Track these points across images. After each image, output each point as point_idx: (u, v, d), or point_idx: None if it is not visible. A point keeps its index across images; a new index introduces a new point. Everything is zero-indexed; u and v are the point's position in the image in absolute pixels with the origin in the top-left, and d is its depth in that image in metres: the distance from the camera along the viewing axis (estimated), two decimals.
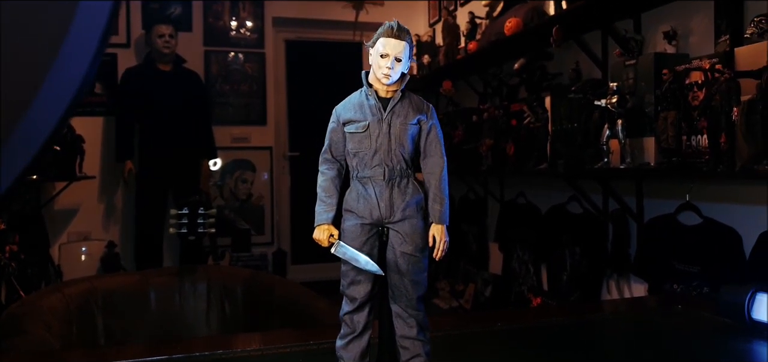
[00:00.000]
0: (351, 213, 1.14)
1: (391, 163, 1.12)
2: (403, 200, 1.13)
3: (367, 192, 1.13)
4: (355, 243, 1.12)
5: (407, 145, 1.13)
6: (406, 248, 1.12)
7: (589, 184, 2.98)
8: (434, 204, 1.14)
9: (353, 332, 1.15)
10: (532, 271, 3.59)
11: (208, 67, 5.18)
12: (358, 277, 1.13)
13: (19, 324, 1.72)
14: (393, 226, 1.13)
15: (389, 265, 1.14)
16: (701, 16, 2.39)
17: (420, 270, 1.14)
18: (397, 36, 1.12)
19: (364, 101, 1.15)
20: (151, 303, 2.11)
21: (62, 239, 4.78)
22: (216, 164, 4.94)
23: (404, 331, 1.15)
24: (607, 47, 2.89)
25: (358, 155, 1.13)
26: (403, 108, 1.14)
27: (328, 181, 1.15)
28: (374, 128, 1.13)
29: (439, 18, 4.87)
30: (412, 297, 1.14)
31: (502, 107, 3.40)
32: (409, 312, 1.14)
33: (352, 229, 1.13)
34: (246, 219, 5.22)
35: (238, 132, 5.23)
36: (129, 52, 4.97)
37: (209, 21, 5.19)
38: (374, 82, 1.15)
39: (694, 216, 2.42)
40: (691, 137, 2.10)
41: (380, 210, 1.12)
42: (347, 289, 1.15)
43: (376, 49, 1.13)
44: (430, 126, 1.16)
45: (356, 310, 1.14)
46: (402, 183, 1.13)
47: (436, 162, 1.16)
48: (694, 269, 2.41)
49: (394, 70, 1.11)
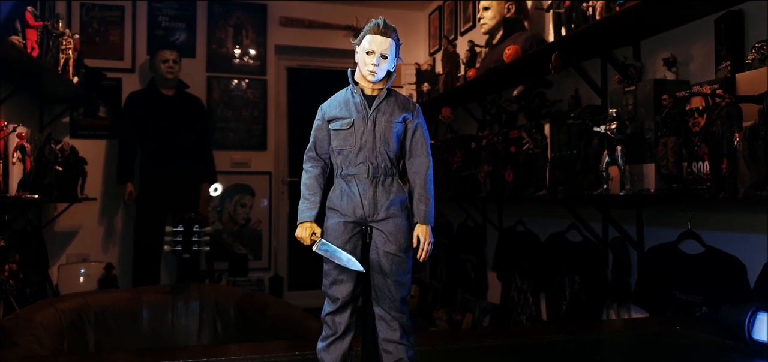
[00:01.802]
0: (334, 211, 1.12)
1: (375, 161, 1.11)
2: (387, 198, 1.11)
3: (351, 190, 1.11)
4: (338, 241, 1.10)
5: (392, 143, 1.12)
6: (389, 247, 1.10)
7: (589, 212, 2.96)
8: (419, 204, 1.12)
9: (335, 334, 1.12)
10: (531, 300, 3.55)
11: (210, 93, 5.21)
12: (340, 276, 1.11)
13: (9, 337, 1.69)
14: (376, 225, 1.11)
15: (372, 265, 1.12)
16: (702, 43, 2.40)
17: (404, 271, 1.11)
18: (384, 33, 1.11)
19: (350, 98, 1.14)
20: (143, 320, 2.08)
21: (61, 260, 4.77)
22: (217, 190, 4.94)
23: (387, 334, 1.12)
24: (607, 74, 2.90)
25: (343, 152, 1.12)
26: (388, 106, 1.13)
27: (311, 178, 1.14)
28: (359, 125, 1.12)
29: (439, 47, 4.91)
30: (396, 299, 1.11)
31: (501, 134, 3.40)
32: (392, 314, 1.12)
33: (334, 227, 1.12)
34: (244, 243, 5.20)
35: (238, 157, 5.23)
36: (133, 77, 5.02)
37: (212, 47, 5.24)
38: (360, 80, 1.14)
39: (697, 245, 2.39)
40: (692, 163, 2.08)
41: (363, 208, 1.11)
42: (329, 289, 1.13)
43: (362, 46, 1.12)
44: (415, 125, 1.15)
45: (338, 311, 1.12)
46: (386, 182, 1.12)
47: (422, 161, 1.14)
48: (696, 299, 2.37)
49: (379, 67, 1.11)
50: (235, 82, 5.30)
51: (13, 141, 3.14)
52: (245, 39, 5.32)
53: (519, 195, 3.14)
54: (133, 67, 5.03)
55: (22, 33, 3.06)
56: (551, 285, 3.30)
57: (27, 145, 3.27)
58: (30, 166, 3.35)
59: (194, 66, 5.13)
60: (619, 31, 2.59)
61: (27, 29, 3.15)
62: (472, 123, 4.30)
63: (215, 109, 5.21)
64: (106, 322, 2.03)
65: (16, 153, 3.16)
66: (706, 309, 2.28)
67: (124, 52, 5.01)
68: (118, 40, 5.00)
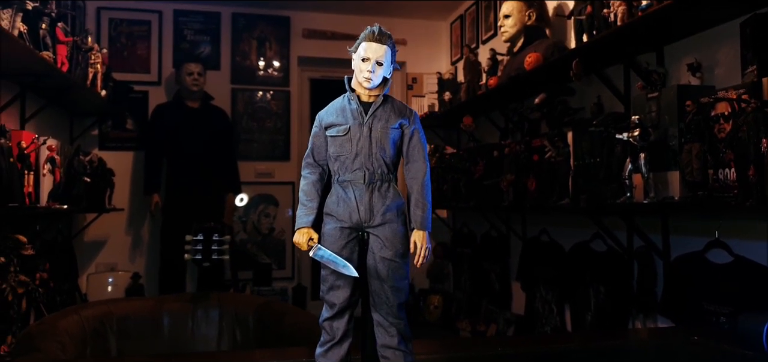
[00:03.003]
0: (331, 216, 1.13)
1: (371, 167, 1.11)
2: (383, 204, 1.11)
3: (347, 195, 1.12)
4: (335, 247, 1.11)
5: (388, 149, 1.13)
6: (385, 253, 1.10)
7: (613, 221, 2.91)
8: (416, 210, 1.12)
9: (333, 339, 1.13)
10: (555, 311, 3.50)
11: (234, 104, 5.28)
12: (337, 282, 1.11)
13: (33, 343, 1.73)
14: (373, 231, 1.11)
15: (369, 271, 1.12)
16: (727, 48, 2.35)
17: (401, 276, 1.11)
18: (378, 40, 1.12)
19: (346, 105, 1.15)
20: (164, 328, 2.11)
21: (90, 269, 4.87)
22: (243, 200, 4.98)
23: (385, 340, 1.12)
24: (630, 81, 2.86)
25: (340, 159, 1.13)
26: (384, 112, 1.14)
27: (309, 184, 1.15)
28: (355, 132, 1.12)
29: (461, 56, 4.90)
30: (393, 305, 1.11)
31: (523, 142, 3.37)
32: (389, 320, 1.11)
33: (331, 233, 1.12)
34: (268, 253, 5.24)
35: (262, 167, 5.28)
36: (159, 90, 5.11)
37: (237, 60, 5.31)
38: (356, 87, 1.15)
39: (725, 254, 2.33)
40: (718, 170, 2.04)
41: (359, 213, 1.11)
42: (327, 295, 1.13)
43: (358, 54, 1.13)
44: (412, 131, 1.15)
45: (335, 316, 1.12)
46: (383, 188, 1.12)
47: (419, 167, 1.15)
48: (725, 310, 2.31)
49: (375, 73, 1.11)
50: (259, 94, 5.36)
51: (43, 153, 3.23)
52: (269, 51, 5.38)
53: (542, 205, 3.11)
54: (160, 80, 5.12)
55: (52, 48, 3.14)
56: (576, 296, 3.25)
57: (57, 156, 3.36)
58: (59, 177, 3.43)
59: (219, 78, 5.20)
60: (642, 36, 2.55)
61: (57, 45, 3.24)
62: (494, 132, 4.27)
63: (239, 120, 5.28)
64: (128, 329, 2.06)
65: (47, 164, 3.25)
66: (723, 318, 2.23)
67: (151, 66, 5.11)
68: (145, 53, 5.10)
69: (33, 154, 3.05)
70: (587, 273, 3.14)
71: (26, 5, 2.74)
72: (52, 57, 3.12)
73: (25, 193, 2.91)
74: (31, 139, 3.02)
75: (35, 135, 3.10)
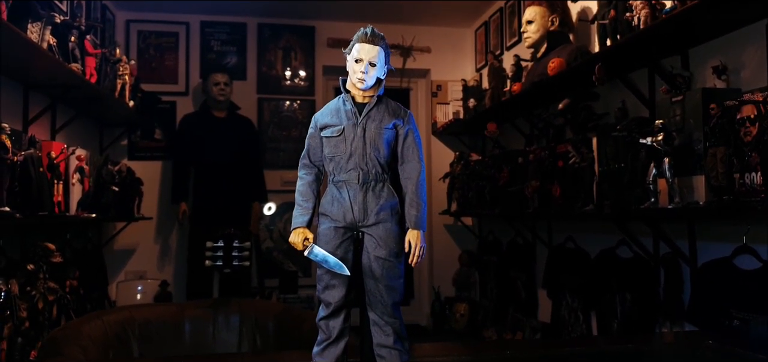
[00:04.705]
0: (325, 216, 1.14)
1: (365, 167, 1.12)
2: (377, 204, 1.12)
3: (342, 195, 1.13)
4: (329, 246, 1.12)
5: (383, 149, 1.13)
6: (380, 252, 1.11)
7: (639, 227, 2.86)
8: (411, 209, 1.13)
9: (329, 338, 1.13)
10: (581, 319, 3.45)
11: (260, 114, 5.33)
12: (332, 281, 1.12)
13: (57, 347, 1.77)
14: (367, 230, 1.12)
15: (364, 270, 1.12)
16: (753, 49, 2.29)
17: (395, 275, 1.11)
18: (371, 41, 1.13)
19: (341, 106, 1.16)
20: (185, 333, 2.14)
21: (120, 277, 4.95)
22: (271, 209, 5.02)
23: (381, 339, 1.12)
24: (654, 85, 2.81)
25: (334, 159, 1.14)
26: (378, 112, 1.15)
27: (305, 185, 1.16)
28: (349, 132, 1.13)
29: (485, 63, 4.88)
30: (387, 304, 1.11)
31: (548, 148, 3.34)
32: (385, 319, 1.12)
33: (326, 232, 1.13)
34: (294, 261, 5.27)
35: (288, 176, 5.32)
36: (187, 100, 5.19)
37: (263, 70, 5.37)
38: (351, 88, 1.16)
39: (753, 260, 2.27)
40: (745, 174, 1.99)
41: (354, 213, 1.12)
42: (322, 294, 1.14)
43: (351, 55, 1.14)
44: (406, 131, 1.15)
45: (331, 315, 1.13)
46: (377, 187, 1.13)
47: (414, 167, 1.15)
48: (753, 317, 2.25)
49: (368, 74, 1.12)
50: (286, 103, 5.41)
51: (73, 163, 3.31)
52: (294, 61, 5.43)
53: (567, 211, 3.07)
54: (187, 90, 5.21)
55: (81, 60, 3.22)
56: (602, 303, 3.20)
57: (86, 166, 3.44)
58: (88, 186, 3.52)
59: (245, 88, 5.27)
60: (666, 39, 2.51)
61: (86, 57, 3.32)
62: (519, 138, 4.24)
63: (266, 129, 5.33)
64: (150, 334, 2.10)
65: (76, 174, 3.33)
66: (737, 322, 2.17)
67: (179, 76, 5.20)
68: (172, 64, 5.20)
69: (62, 164, 3.12)
70: (613, 281, 3.09)
71: (55, 19, 2.81)
72: (81, 69, 3.20)
73: (55, 202, 2.99)
74: (61, 149, 3.10)
75: (64, 145, 3.18)
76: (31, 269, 2.55)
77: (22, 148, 2.67)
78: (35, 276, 2.56)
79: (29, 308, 2.42)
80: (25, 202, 2.58)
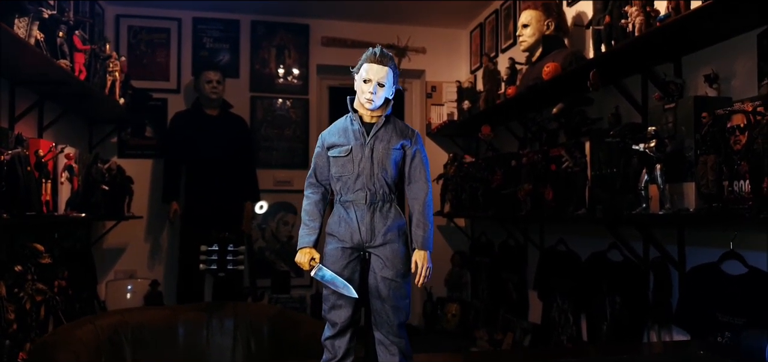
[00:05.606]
0: (332, 236, 1.14)
1: (373, 187, 1.12)
2: (384, 224, 1.12)
3: (349, 215, 1.12)
4: (336, 266, 1.11)
5: (390, 169, 1.13)
6: (386, 273, 1.11)
7: (630, 231, 2.88)
8: (417, 230, 1.13)
9: (334, 358, 1.14)
10: (571, 321, 3.48)
11: (253, 112, 5.31)
12: (338, 302, 1.12)
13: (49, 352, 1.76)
14: (374, 251, 1.12)
15: (371, 291, 1.12)
16: (744, 59, 2.32)
17: (401, 296, 1.12)
18: (380, 62, 1.13)
19: (349, 126, 1.16)
20: (179, 337, 2.13)
21: (109, 276, 4.91)
22: (263, 208, 5.00)
23: (386, 359, 1.13)
24: (647, 91, 2.83)
25: (341, 179, 1.13)
26: (386, 133, 1.15)
27: (311, 204, 1.16)
28: (357, 152, 1.13)
29: (480, 65, 4.89)
30: (393, 324, 1.11)
31: (541, 152, 3.35)
32: (390, 339, 1.12)
33: (333, 253, 1.13)
34: (286, 261, 5.26)
35: (281, 175, 5.31)
36: (178, 98, 5.16)
37: (256, 68, 5.35)
38: (359, 107, 1.16)
39: (739, 266, 2.30)
40: (734, 182, 2.01)
41: (361, 233, 1.12)
42: (328, 314, 1.14)
43: (359, 75, 1.14)
44: (414, 151, 1.16)
45: (337, 335, 1.13)
46: (384, 208, 1.13)
47: (421, 187, 1.15)
48: (739, 321, 2.28)
49: (376, 95, 1.12)
50: (279, 102, 5.39)
51: (61, 161, 3.27)
52: (288, 59, 5.42)
53: (559, 214, 3.09)
54: (179, 88, 5.18)
55: (70, 56, 3.17)
56: (592, 306, 3.23)
57: (74, 165, 3.40)
58: (77, 185, 3.48)
59: (238, 86, 5.24)
60: (660, 47, 2.53)
61: (75, 53, 3.27)
62: (513, 141, 4.26)
63: (258, 128, 5.31)
64: (143, 338, 2.09)
65: (64, 173, 3.29)
66: (728, 333, 2.20)
67: (170, 73, 5.17)
68: (164, 61, 5.16)
69: (50, 163, 3.08)
70: (603, 283, 3.12)
71: (43, 13, 2.76)
72: (70, 65, 3.14)
73: (43, 202, 2.95)
74: (49, 147, 3.05)
75: (53, 143, 3.13)
76: (18, 270, 2.52)
77: (9, 147, 2.62)
78: (23, 278, 2.53)
79: (17, 310, 2.39)
80: (12, 202, 2.52)
